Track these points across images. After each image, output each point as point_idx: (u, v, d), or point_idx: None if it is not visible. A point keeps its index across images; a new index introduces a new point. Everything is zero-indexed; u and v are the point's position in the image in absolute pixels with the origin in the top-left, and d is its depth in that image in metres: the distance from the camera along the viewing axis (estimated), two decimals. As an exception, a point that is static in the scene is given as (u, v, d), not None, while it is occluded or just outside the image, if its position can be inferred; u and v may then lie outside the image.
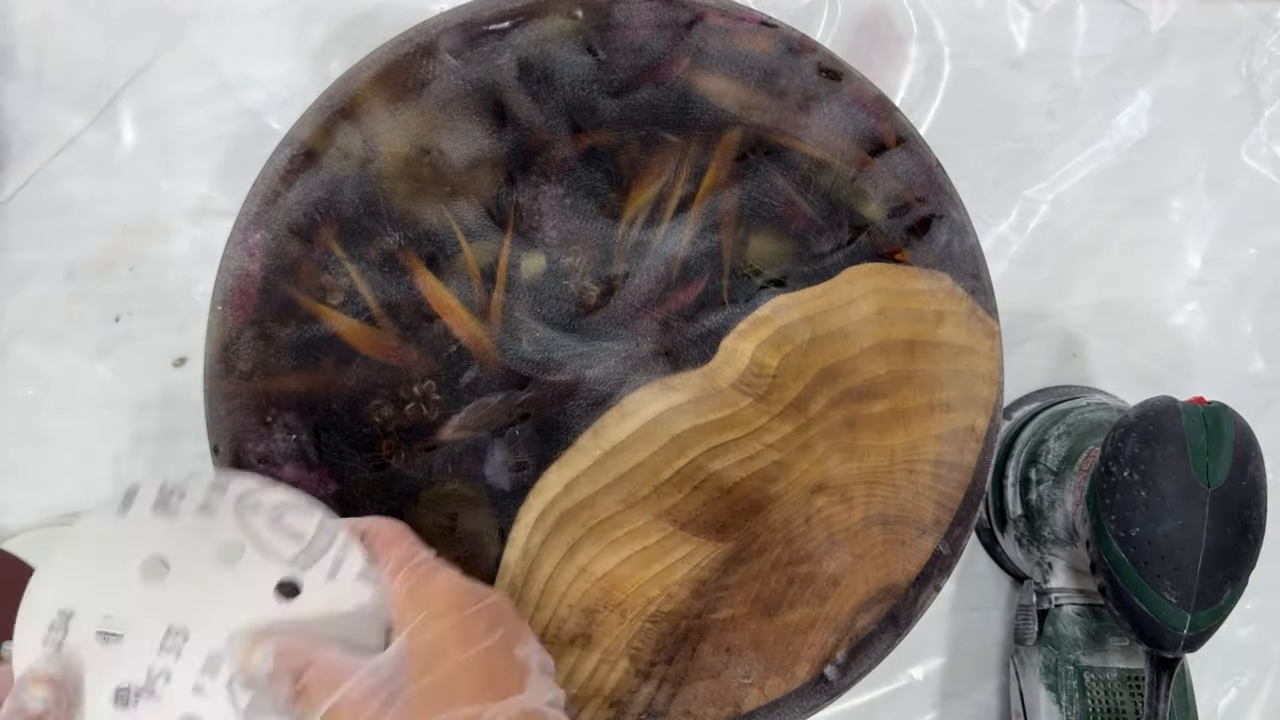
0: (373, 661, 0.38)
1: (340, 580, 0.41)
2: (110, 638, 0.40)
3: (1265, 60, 0.67)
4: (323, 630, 0.40)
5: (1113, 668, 0.58)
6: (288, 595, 0.41)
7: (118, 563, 0.41)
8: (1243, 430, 0.51)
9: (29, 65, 0.61)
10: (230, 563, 0.42)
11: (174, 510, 0.42)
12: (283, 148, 0.52)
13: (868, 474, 0.53)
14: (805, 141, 0.53)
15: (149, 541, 0.42)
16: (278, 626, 0.40)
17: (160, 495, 0.42)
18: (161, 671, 0.40)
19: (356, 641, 0.40)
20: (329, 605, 0.41)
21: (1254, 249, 0.67)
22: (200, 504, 0.42)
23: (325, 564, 0.42)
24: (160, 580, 0.41)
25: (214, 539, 0.42)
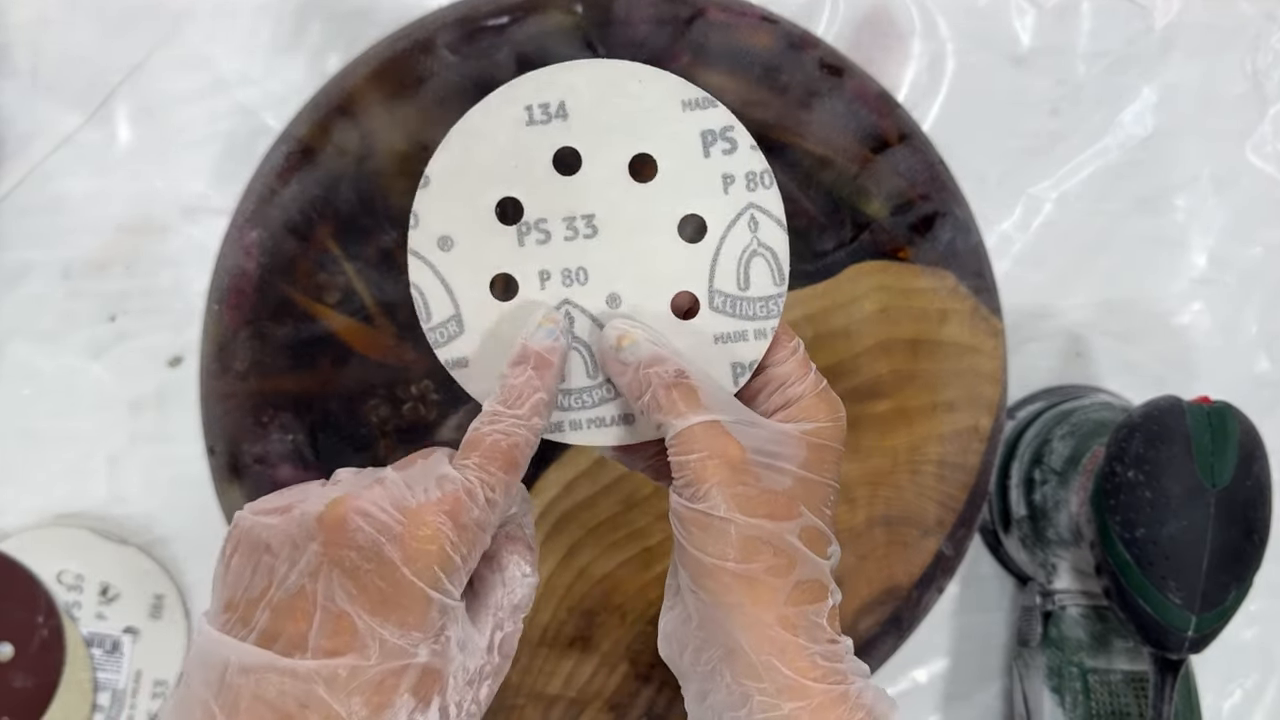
0: (766, 421, 0.35)
1: (724, 350, 0.37)
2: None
3: (1270, 58, 0.67)
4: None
5: (1117, 670, 0.58)
6: (678, 309, 0.37)
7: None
8: (1248, 430, 0.51)
9: (24, 63, 0.61)
10: (681, 234, 0.37)
11: (709, 150, 0.37)
12: (279, 145, 0.51)
13: (870, 474, 0.53)
14: (807, 138, 0.53)
15: (660, 138, 0.36)
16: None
17: (719, 129, 0.37)
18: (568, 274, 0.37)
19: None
20: (686, 357, 0.36)
21: (1259, 247, 0.67)
22: (728, 172, 0.37)
23: (730, 324, 0.37)
24: (639, 180, 0.37)
25: (699, 200, 0.37)
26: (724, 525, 0.33)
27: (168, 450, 0.60)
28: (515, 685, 0.51)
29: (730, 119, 0.36)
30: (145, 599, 0.59)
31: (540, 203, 0.36)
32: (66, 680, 0.58)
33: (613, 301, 0.37)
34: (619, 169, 0.36)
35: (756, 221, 0.37)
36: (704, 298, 0.37)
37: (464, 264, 0.37)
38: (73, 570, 0.59)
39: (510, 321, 0.37)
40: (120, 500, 0.60)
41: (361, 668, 0.29)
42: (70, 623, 0.58)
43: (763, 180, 0.37)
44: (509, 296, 0.37)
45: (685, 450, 0.34)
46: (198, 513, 0.58)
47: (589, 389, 0.37)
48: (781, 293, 0.37)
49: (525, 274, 0.37)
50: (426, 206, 0.36)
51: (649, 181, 0.37)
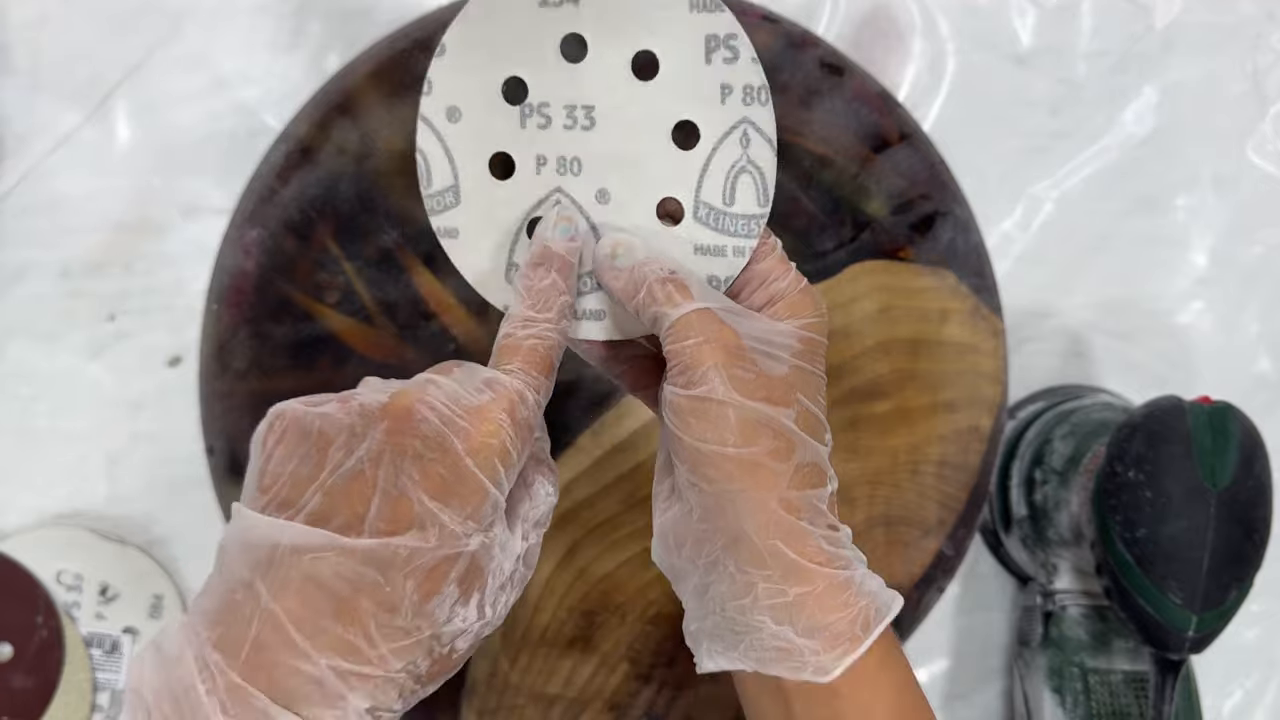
0: (756, 314, 0.36)
1: (701, 263, 0.37)
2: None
3: (1271, 57, 0.67)
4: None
5: (1118, 670, 0.58)
6: (662, 214, 0.37)
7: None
8: (1249, 430, 0.51)
9: (24, 62, 0.61)
10: (673, 139, 0.37)
11: (710, 57, 0.36)
12: (279, 144, 0.51)
13: (870, 474, 0.53)
14: (807, 138, 0.53)
15: (665, 38, 0.36)
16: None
17: (723, 35, 0.36)
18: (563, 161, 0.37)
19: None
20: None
21: (1260, 247, 0.67)
22: (727, 83, 0.37)
23: (710, 237, 0.37)
24: (638, 78, 0.37)
25: (694, 107, 0.37)
26: (722, 409, 0.33)
27: (167, 450, 0.60)
28: (515, 685, 0.51)
29: (735, 26, 0.36)
30: (144, 599, 0.59)
31: (545, 87, 0.37)
32: (66, 680, 0.58)
33: (601, 196, 0.37)
34: (622, 63, 0.37)
35: (749, 138, 0.37)
36: (689, 207, 0.37)
37: (468, 137, 0.37)
38: (72, 570, 0.59)
39: (504, 202, 0.38)
40: (119, 500, 0.60)
41: (420, 550, 0.30)
42: (70, 623, 0.58)
43: (759, 96, 0.37)
44: (506, 175, 0.37)
45: (681, 337, 0.34)
46: (197, 513, 0.58)
47: (580, 278, 0.38)
48: (764, 214, 0.37)
49: (523, 156, 0.37)
50: (439, 76, 0.37)
51: (649, 80, 0.37)
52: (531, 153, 0.37)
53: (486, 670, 0.51)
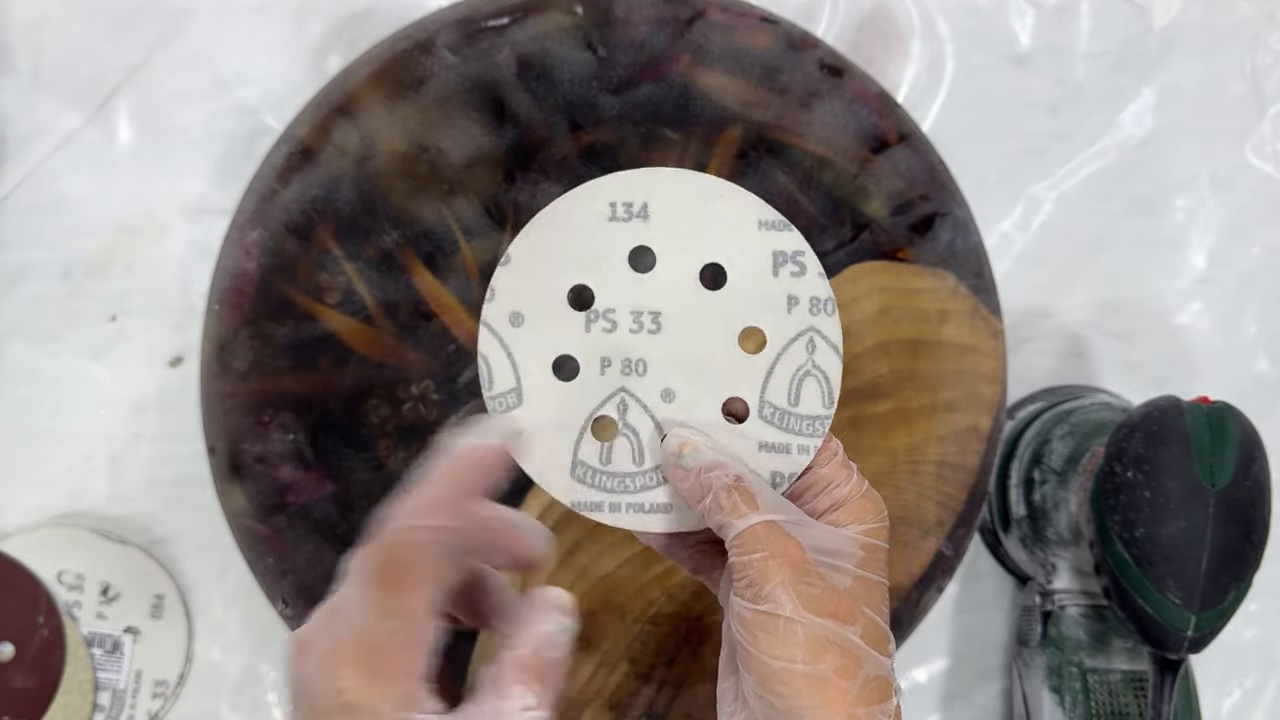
0: (820, 523, 0.36)
1: (767, 459, 0.38)
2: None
3: (1269, 58, 0.67)
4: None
5: (1116, 669, 0.58)
6: (727, 413, 0.38)
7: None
8: (1247, 430, 0.51)
9: (25, 63, 0.61)
10: (741, 343, 0.38)
11: (778, 270, 0.38)
12: (280, 145, 0.51)
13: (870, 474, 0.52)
14: (807, 139, 0.53)
15: (733, 251, 0.38)
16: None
17: (790, 252, 0.38)
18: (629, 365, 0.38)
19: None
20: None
21: (1259, 248, 0.67)
22: (794, 294, 0.38)
23: (775, 435, 0.38)
24: (707, 287, 0.38)
25: (762, 315, 0.38)
26: (790, 626, 0.33)
27: (168, 450, 0.60)
28: (515, 685, 0.51)
29: (802, 244, 0.38)
30: (146, 599, 0.59)
31: (611, 294, 0.38)
32: (67, 680, 0.58)
33: (667, 395, 0.38)
34: (690, 273, 0.38)
35: (814, 344, 0.38)
36: (754, 406, 0.38)
37: (531, 341, 0.38)
38: (73, 570, 0.59)
39: (567, 401, 0.38)
40: (121, 500, 0.60)
41: None
42: (71, 622, 0.58)
43: (825, 307, 0.38)
44: (569, 376, 0.38)
45: (748, 550, 0.34)
46: (198, 513, 0.58)
47: (633, 474, 0.38)
48: (829, 415, 0.39)
49: (588, 357, 0.38)
50: (503, 283, 0.38)
51: (718, 290, 0.38)
52: (596, 355, 0.38)
53: (487, 670, 0.51)
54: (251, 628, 0.60)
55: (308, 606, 0.51)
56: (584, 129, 0.52)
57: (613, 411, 0.38)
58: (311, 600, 0.50)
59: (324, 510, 0.50)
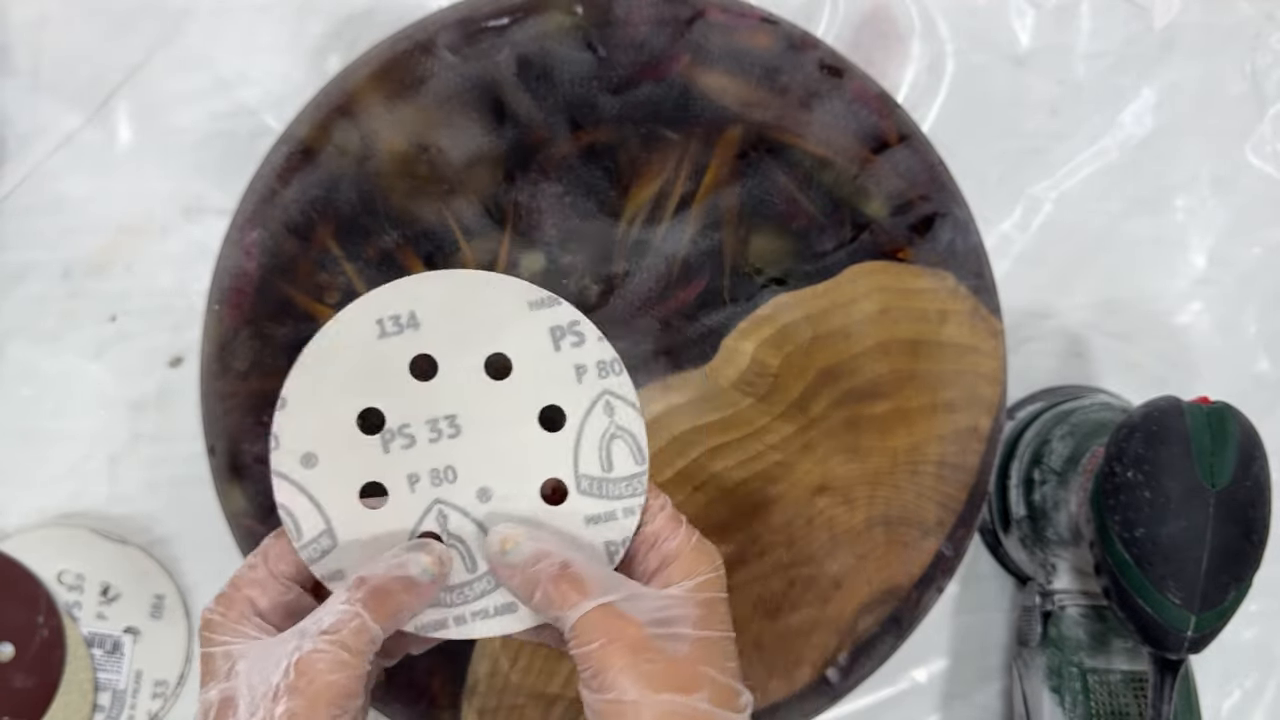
0: (653, 590, 0.36)
1: (596, 531, 0.39)
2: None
3: (1270, 58, 0.67)
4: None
5: (1116, 670, 0.58)
6: (547, 496, 0.39)
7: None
8: (1248, 431, 0.51)
9: (25, 63, 0.61)
10: (541, 425, 0.39)
11: (559, 345, 0.39)
12: (279, 145, 0.51)
13: (870, 475, 0.53)
14: (807, 139, 0.53)
15: (510, 338, 0.38)
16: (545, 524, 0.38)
17: (565, 325, 0.39)
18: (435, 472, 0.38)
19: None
20: (561, 540, 0.38)
21: (1259, 248, 0.67)
22: (580, 363, 0.39)
23: (598, 506, 0.39)
24: (496, 379, 0.39)
25: (554, 391, 0.39)
26: (636, 709, 0.34)
27: (168, 450, 0.60)
28: (516, 685, 0.51)
29: (576, 315, 0.39)
30: (146, 599, 0.59)
31: (401, 409, 0.38)
32: (67, 680, 0.58)
33: (483, 495, 0.38)
34: (475, 370, 0.38)
35: (612, 406, 0.39)
36: (571, 482, 0.39)
37: (330, 478, 0.38)
38: (73, 570, 0.59)
39: (384, 529, 0.38)
40: (121, 500, 0.60)
41: None
42: (71, 623, 0.58)
43: (613, 368, 0.39)
44: (379, 504, 0.38)
45: (584, 641, 0.35)
46: (198, 513, 0.58)
47: (469, 582, 0.38)
48: (643, 471, 0.39)
49: (394, 479, 0.38)
50: (285, 427, 0.38)
51: (505, 379, 0.38)
52: (402, 474, 0.38)
53: (487, 670, 0.51)
54: (251, 628, 0.60)
55: (308, 607, 0.51)
56: (584, 129, 0.52)
57: (433, 525, 0.38)
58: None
59: (324, 510, 0.50)
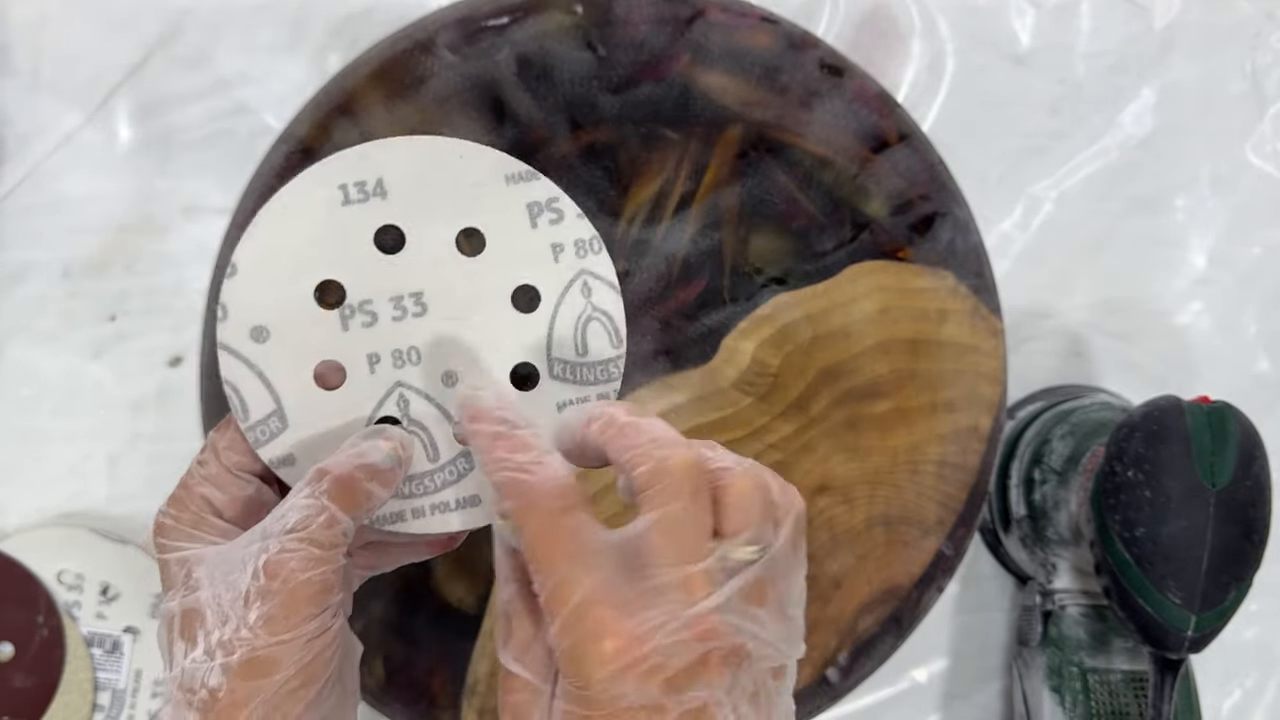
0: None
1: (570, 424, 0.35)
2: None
3: (1270, 57, 0.67)
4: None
5: (1117, 669, 0.58)
6: (517, 381, 0.36)
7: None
8: (1248, 430, 0.51)
9: (24, 63, 0.61)
10: (514, 306, 0.36)
11: (536, 221, 0.36)
12: (279, 145, 0.51)
13: (870, 474, 0.53)
14: (807, 138, 0.53)
15: (485, 213, 0.36)
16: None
17: (544, 200, 0.36)
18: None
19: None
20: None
21: (1259, 248, 0.67)
22: (557, 242, 0.36)
23: (571, 392, 0.36)
24: (468, 255, 0.36)
25: (530, 271, 0.36)
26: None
27: (168, 450, 0.60)
28: (515, 685, 0.51)
29: (554, 190, 0.36)
30: (145, 599, 0.59)
31: (363, 284, 0.35)
32: (67, 680, 0.58)
33: (448, 379, 0.36)
34: (445, 245, 0.36)
35: (590, 287, 0.37)
36: (543, 367, 0.36)
37: (282, 355, 0.35)
38: (73, 570, 0.59)
39: (340, 413, 0.35)
40: (120, 500, 0.60)
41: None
42: (70, 622, 0.58)
43: (592, 246, 0.37)
44: (336, 384, 0.35)
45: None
46: (198, 512, 0.58)
47: (431, 473, 0.36)
48: (620, 354, 0.37)
49: (352, 359, 0.35)
50: (234, 297, 0.35)
51: (477, 255, 0.36)
52: (361, 353, 0.35)
53: (487, 670, 0.51)
54: (251, 627, 0.60)
55: (308, 606, 0.51)
56: (584, 128, 0.52)
57: (393, 410, 0.36)
58: (311, 600, 0.50)
59: (324, 510, 0.50)
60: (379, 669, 0.51)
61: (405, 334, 0.35)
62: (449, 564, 0.51)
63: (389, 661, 0.51)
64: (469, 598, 0.51)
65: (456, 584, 0.51)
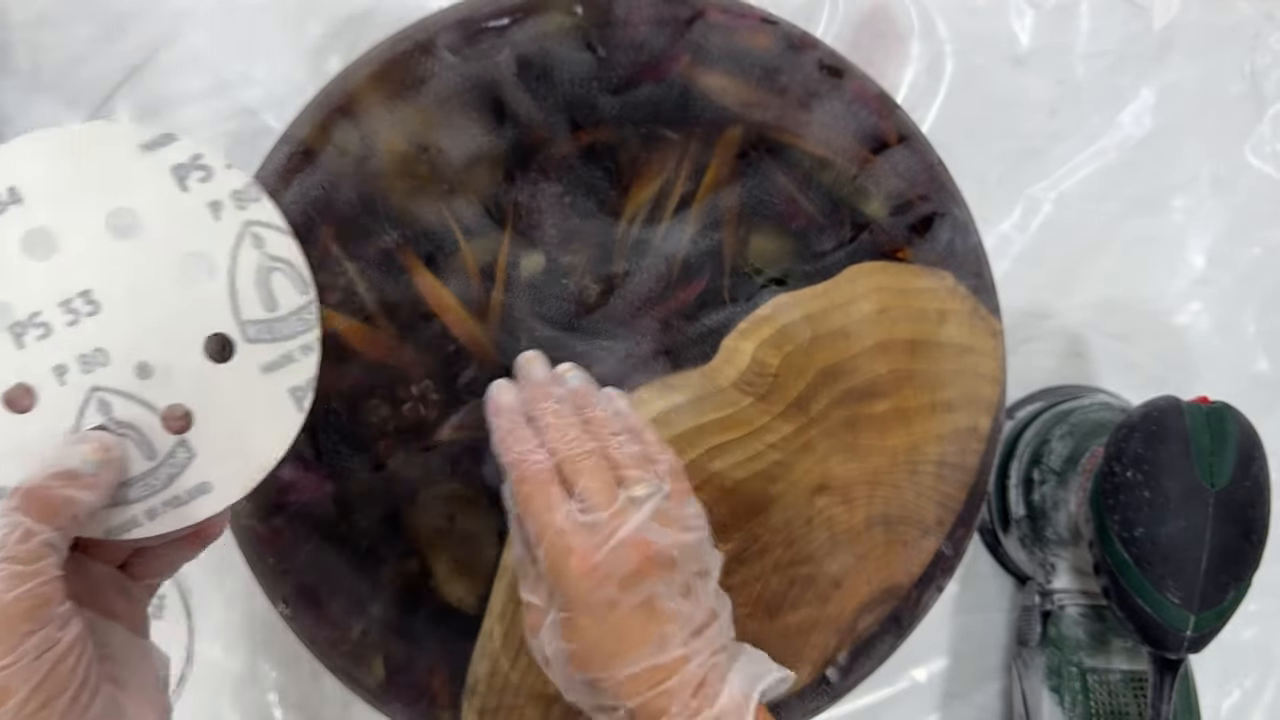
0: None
1: (276, 380, 0.35)
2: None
3: (1268, 58, 0.67)
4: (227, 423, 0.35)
5: (1116, 669, 0.58)
6: (214, 354, 0.35)
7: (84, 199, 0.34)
8: (1247, 430, 0.51)
9: (25, 63, 0.61)
10: (189, 278, 0.35)
11: (186, 184, 0.35)
12: (280, 146, 0.52)
13: (869, 474, 0.53)
14: (806, 139, 0.53)
15: (131, 189, 0.34)
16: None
17: (188, 160, 0.34)
18: (47, 325, 0.34)
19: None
20: (241, 399, 0.35)
21: (1258, 248, 0.67)
22: (214, 199, 0.35)
23: (272, 351, 0.35)
24: (124, 238, 0.35)
25: (193, 237, 0.35)
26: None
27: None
28: (515, 685, 0.51)
29: (197, 147, 0.35)
30: (146, 598, 0.59)
31: (26, 297, 0.34)
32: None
33: (143, 371, 0.35)
34: (98, 233, 0.34)
35: (260, 238, 0.35)
36: (236, 333, 0.35)
37: None
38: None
39: (38, 436, 0.34)
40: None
41: None
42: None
43: (250, 194, 0.35)
44: (27, 406, 0.34)
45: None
46: (198, 512, 0.58)
47: (152, 471, 0.35)
48: (311, 300, 0.36)
49: (38, 376, 0.34)
50: None
51: (134, 236, 0.35)
52: (46, 368, 0.34)
53: (487, 670, 0.51)
54: (252, 627, 0.60)
55: (308, 606, 0.51)
56: (584, 129, 0.52)
57: (97, 417, 0.34)
58: (312, 600, 0.51)
59: (324, 510, 0.51)
60: (379, 669, 0.51)
61: (85, 336, 0.34)
62: (449, 565, 0.51)
63: (389, 661, 0.51)
64: (469, 598, 0.51)
65: (456, 584, 0.51)
